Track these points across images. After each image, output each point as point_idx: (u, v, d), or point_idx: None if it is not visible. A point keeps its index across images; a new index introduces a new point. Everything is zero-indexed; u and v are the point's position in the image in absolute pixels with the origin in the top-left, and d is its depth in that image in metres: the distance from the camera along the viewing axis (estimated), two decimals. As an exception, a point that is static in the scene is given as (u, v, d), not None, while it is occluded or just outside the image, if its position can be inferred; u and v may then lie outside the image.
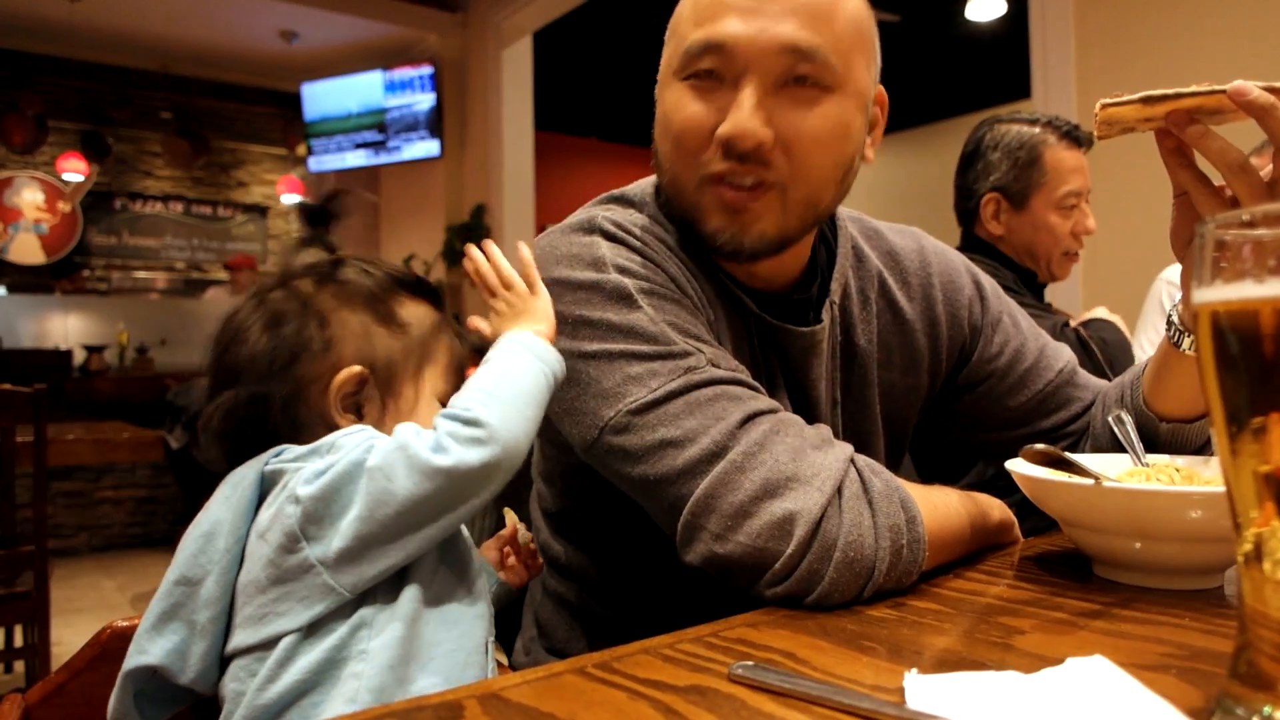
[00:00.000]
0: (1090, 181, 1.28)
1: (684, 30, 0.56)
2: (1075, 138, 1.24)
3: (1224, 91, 0.50)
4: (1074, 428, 0.73)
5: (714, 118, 0.55)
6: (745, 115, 0.53)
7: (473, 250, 0.59)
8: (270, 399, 0.50)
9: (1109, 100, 0.53)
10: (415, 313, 0.55)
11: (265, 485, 0.47)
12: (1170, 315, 0.63)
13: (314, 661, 0.43)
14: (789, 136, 0.54)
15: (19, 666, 2.09)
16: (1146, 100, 0.52)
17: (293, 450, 0.48)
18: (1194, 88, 0.51)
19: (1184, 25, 1.86)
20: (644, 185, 0.65)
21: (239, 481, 0.48)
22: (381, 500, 0.43)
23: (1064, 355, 0.75)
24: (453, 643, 0.46)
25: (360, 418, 0.51)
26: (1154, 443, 0.65)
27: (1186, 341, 0.61)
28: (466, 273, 0.59)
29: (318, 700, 0.43)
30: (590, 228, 0.59)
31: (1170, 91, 0.51)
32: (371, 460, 0.44)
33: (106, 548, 3.71)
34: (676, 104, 0.56)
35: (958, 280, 0.72)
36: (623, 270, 0.56)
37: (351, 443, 0.46)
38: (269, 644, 0.44)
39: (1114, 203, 1.95)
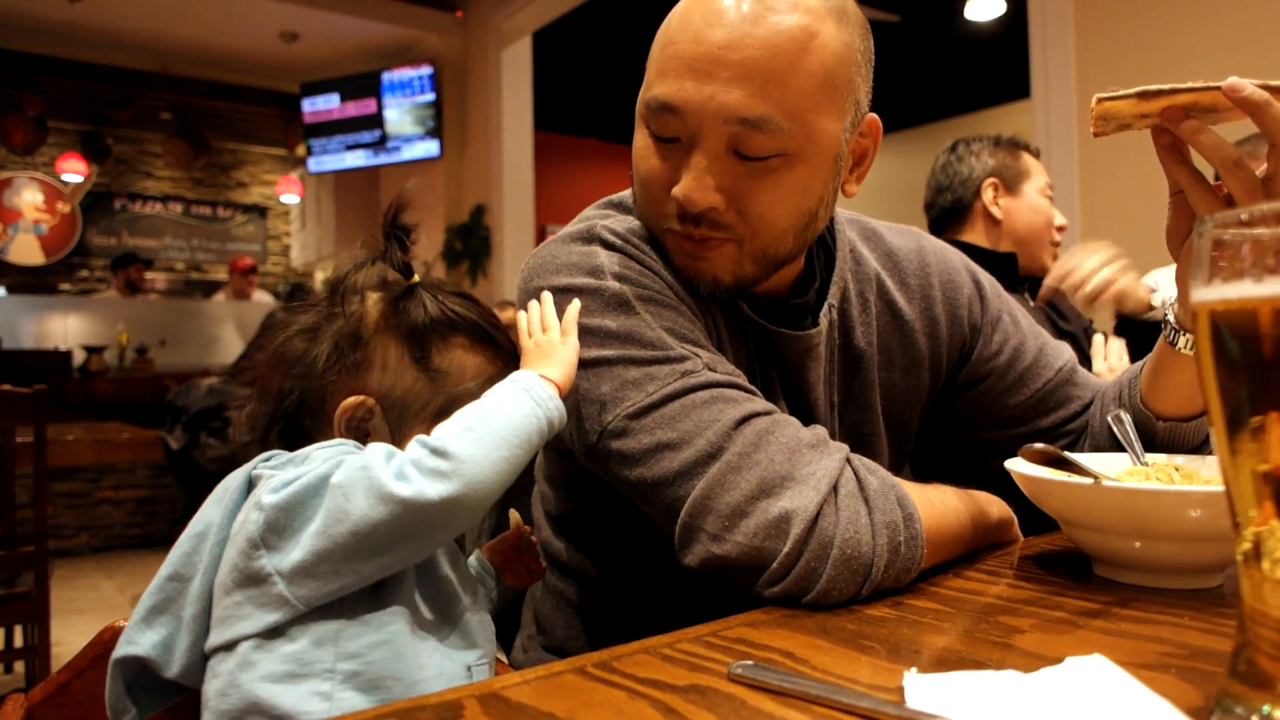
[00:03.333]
0: (1083, 178, 1.32)
1: (651, 73, 0.56)
2: (1029, 148, 1.34)
3: (1219, 88, 0.50)
4: (1073, 426, 0.73)
5: (671, 176, 0.55)
6: (693, 183, 0.53)
7: (531, 304, 0.58)
8: (299, 397, 0.51)
9: (1104, 95, 0.53)
10: (460, 361, 0.53)
11: (251, 488, 0.47)
12: (1166, 314, 0.63)
13: (274, 671, 0.43)
14: (740, 201, 0.54)
15: (19, 667, 2.09)
16: (1142, 95, 0.52)
17: (280, 456, 0.48)
18: (1189, 84, 0.51)
19: (1184, 25, 1.87)
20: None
21: (230, 483, 0.48)
22: (338, 518, 0.43)
23: (1063, 354, 0.76)
24: (433, 668, 0.45)
25: (364, 444, 0.50)
26: (1151, 441, 0.65)
27: (1183, 340, 0.61)
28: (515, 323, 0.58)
29: (280, 715, 0.42)
30: (589, 237, 0.60)
31: (1166, 87, 0.52)
32: (336, 476, 0.44)
33: (106, 548, 3.71)
34: (642, 154, 0.57)
35: (957, 279, 0.72)
36: (620, 278, 0.57)
37: (323, 455, 0.46)
38: (230, 646, 0.43)
39: (1112, 202, 1.95)
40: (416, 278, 0.54)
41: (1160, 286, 1.54)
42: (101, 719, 0.47)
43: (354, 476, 0.43)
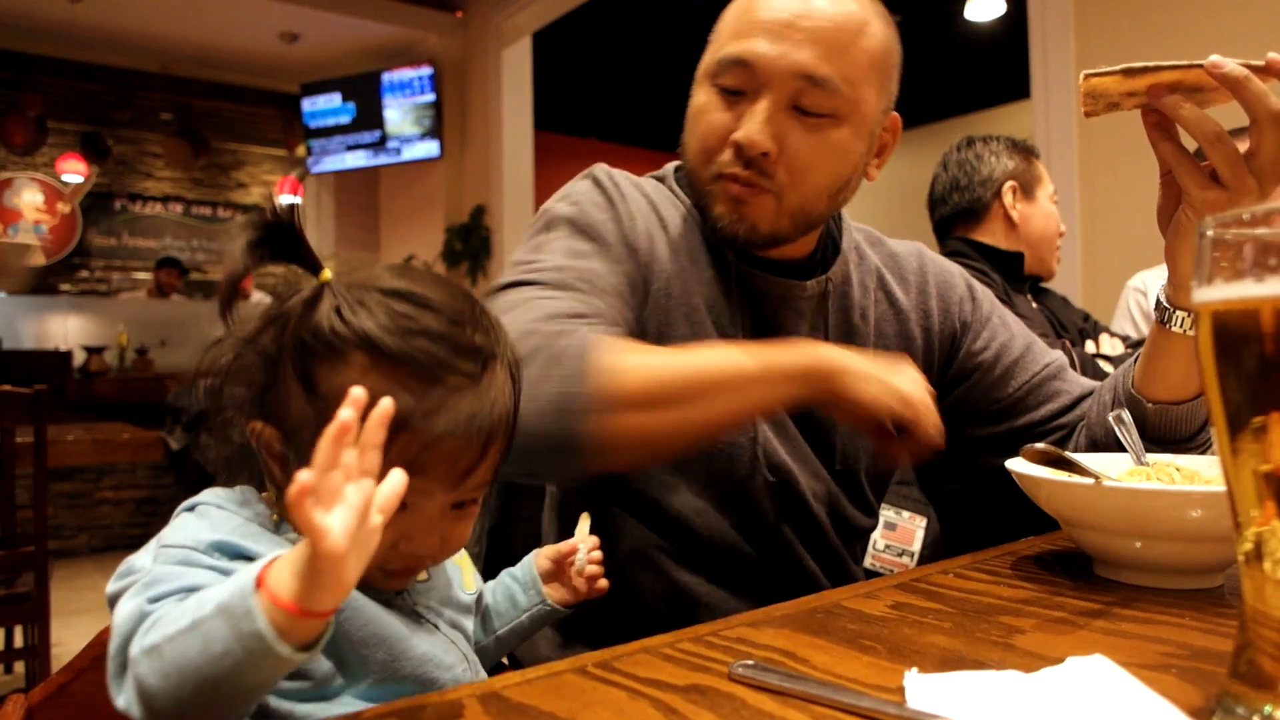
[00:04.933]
0: (1084, 178, 1.33)
1: (722, 39, 0.63)
2: (1038, 155, 1.34)
3: (1202, 66, 0.52)
4: (1063, 421, 0.74)
5: (732, 125, 0.61)
6: (756, 127, 0.60)
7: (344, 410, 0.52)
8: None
9: (1091, 71, 0.55)
10: (352, 383, 0.37)
11: None
12: (1158, 296, 0.64)
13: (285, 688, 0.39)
14: (790, 152, 0.61)
15: (19, 667, 2.09)
16: (1128, 72, 0.54)
17: (212, 494, 0.43)
18: (1173, 62, 0.53)
19: (1183, 25, 1.87)
20: (675, 164, 0.73)
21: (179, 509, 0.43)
22: None
23: (1053, 354, 0.77)
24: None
25: (284, 472, 0.42)
26: (1142, 427, 0.65)
27: (1176, 319, 0.62)
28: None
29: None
30: (589, 174, 0.69)
31: (1150, 64, 0.53)
32: (141, 576, 0.37)
33: (106, 548, 3.70)
34: (703, 107, 0.63)
35: (951, 280, 0.76)
36: (575, 204, 0.65)
37: (171, 534, 0.39)
38: None
39: (1111, 202, 1.95)
40: (326, 274, 0.43)
41: (1149, 287, 1.55)
42: (102, 719, 0.46)
43: (124, 585, 0.37)
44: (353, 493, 0.32)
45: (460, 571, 0.51)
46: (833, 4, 0.60)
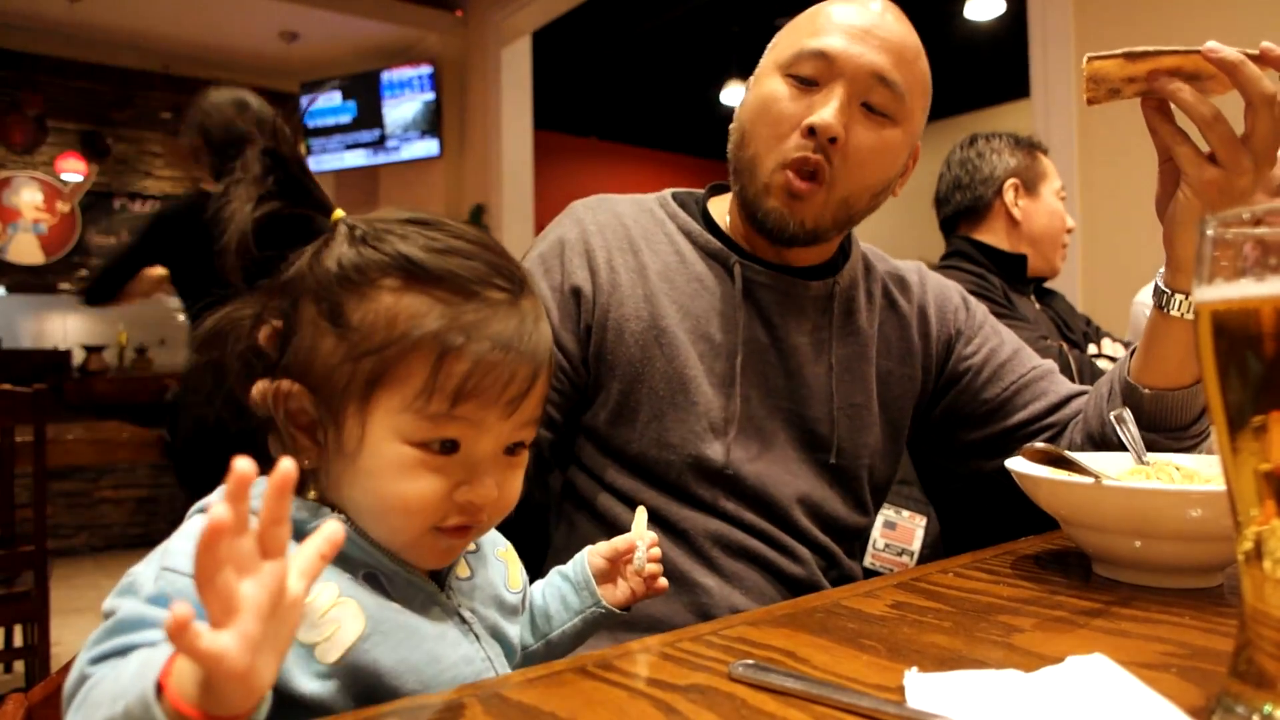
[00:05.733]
0: (1083, 177, 1.32)
1: (800, 34, 0.68)
2: (1045, 150, 1.33)
3: (1200, 51, 0.54)
4: (1051, 420, 0.74)
5: (804, 112, 0.66)
6: (831, 112, 0.64)
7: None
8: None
9: (1094, 55, 0.57)
10: (387, 309, 0.37)
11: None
12: (1157, 282, 0.64)
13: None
14: (853, 144, 0.65)
15: (19, 666, 2.09)
16: (1129, 56, 0.56)
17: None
18: (1173, 46, 0.55)
19: (1182, 26, 1.87)
20: (670, 190, 0.78)
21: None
22: None
23: (1041, 359, 0.79)
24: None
25: (313, 441, 0.39)
26: (1138, 414, 0.65)
27: (1174, 302, 0.63)
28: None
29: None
30: (551, 230, 0.74)
31: (1151, 49, 0.56)
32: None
33: (106, 547, 3.70)
34: (775, 95, 0.67)
35: (948, 292, 0.80)
36: (569, 217, 0.74)
37: (172, 551, 0.36)
38: None
39: (1111, 201, 1.95)
40: (338, 213, 0.41)
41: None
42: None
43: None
44: (250, 591, 0.28)
45: (505, 567, 0.48)
46: (901, 26, 0.68)
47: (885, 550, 0.95)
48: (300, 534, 0.34)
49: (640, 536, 0.52)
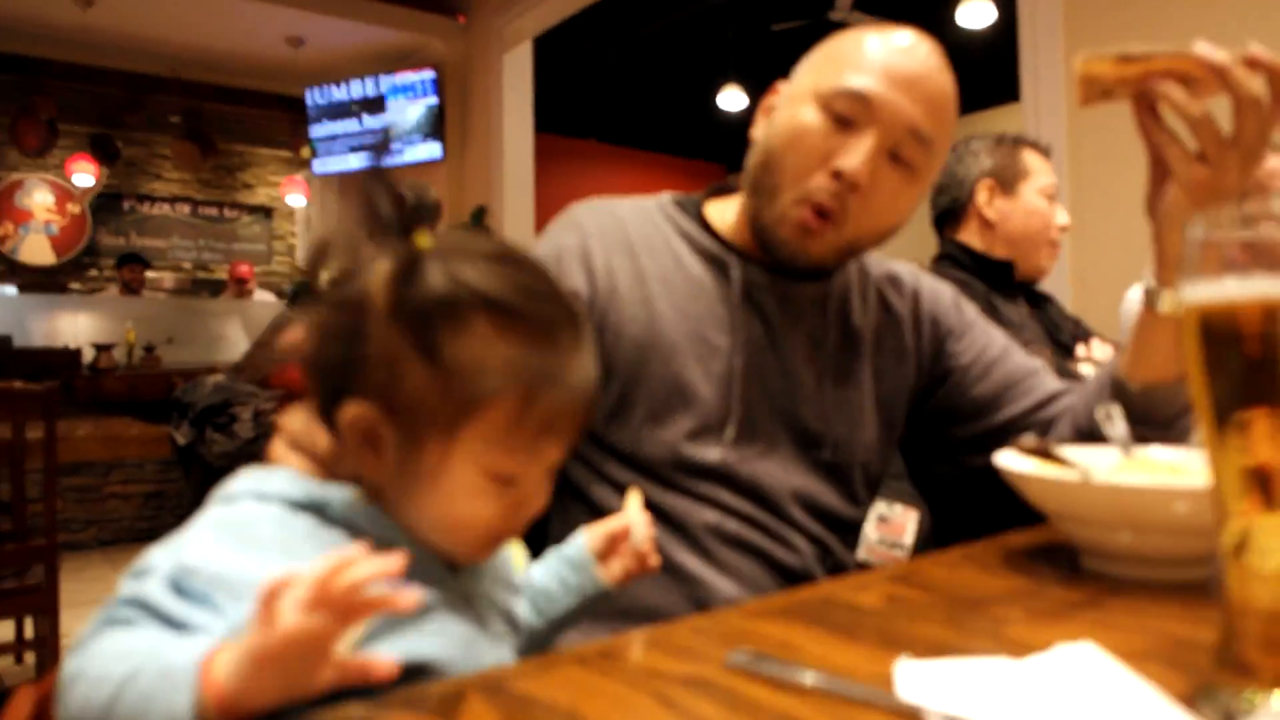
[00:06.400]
0: (1073, 181, 1.31)
1: (843, 65, 0.66)
2: (1037, 146, 1.29)
3: (1191, 55, 0.56)
4: (1039, 416, 0.75)
5: (831, 151, 0.65)
6: (860, 159, 0.64)
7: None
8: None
9: (1087, 55, 0.58)
10: (480, 355, 0.39)
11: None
12: (1145, 279, 0.65)
13: None
14: (871, 192, 0.65)
15: (29, 658, 2.11)
16: (1121, 57, 0.57)
17: (266, 482, 0.41)
18: (1165, 48, 0.57)
19: (1173, 32, 1.87)
20: (669, 195, 0.79)
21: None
22: None
23: (1032, 359, 0.80)
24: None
25: (376, 455, 0.41)
26: (1126, 409, 0.64)
27: (1163, 296, 0.63)
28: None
29: None
30: (549, 232, 0.76)
31: (1144, 51, 0.57)
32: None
33: (115, 541, 3.72)
34: (809, 128, 0.66)
35: (941, 292, 0.81)
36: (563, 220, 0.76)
37: (190, 544, 0.38)
38: None
39: (1101, 204, 1.95)
40: (425, 240, 0.41)
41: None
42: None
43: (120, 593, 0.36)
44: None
45: (510, 550, 0.50)
46: (944, 77, 0.67)
47: (878, 544, 0.95)
48: (349, 525, 0.39)
49: (635, 516, 0.53)
